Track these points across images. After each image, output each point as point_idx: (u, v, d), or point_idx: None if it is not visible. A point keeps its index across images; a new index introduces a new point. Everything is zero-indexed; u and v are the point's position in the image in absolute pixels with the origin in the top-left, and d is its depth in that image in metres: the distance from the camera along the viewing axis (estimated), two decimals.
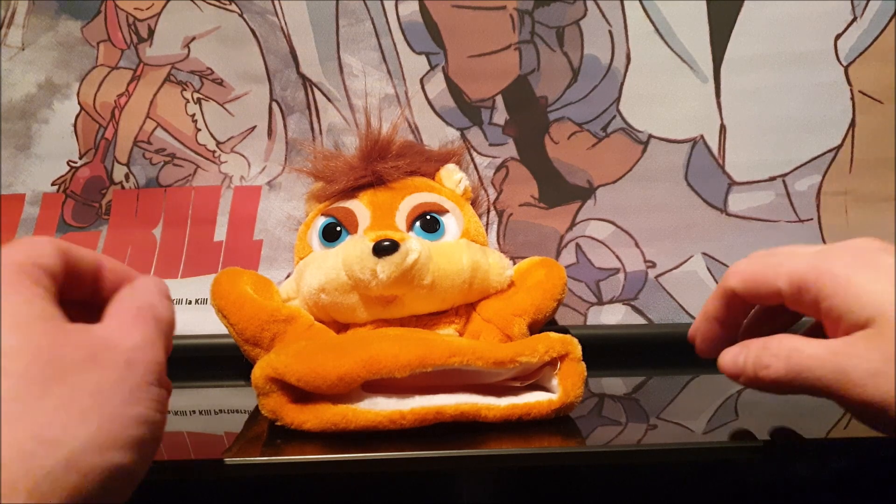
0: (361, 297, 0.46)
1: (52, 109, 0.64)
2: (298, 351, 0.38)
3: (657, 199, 0.62)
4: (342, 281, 0.46)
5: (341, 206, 0.51)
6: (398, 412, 0.37)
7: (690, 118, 0.61)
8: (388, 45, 0.62)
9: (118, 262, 0.30)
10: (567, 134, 0.62)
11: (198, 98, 0.63)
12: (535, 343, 0.39)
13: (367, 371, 0.36)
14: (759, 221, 0.62)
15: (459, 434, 0.37)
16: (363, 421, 0.37)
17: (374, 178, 0.52)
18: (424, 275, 0.45)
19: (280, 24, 0.63)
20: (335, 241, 0.50)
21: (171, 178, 0.63)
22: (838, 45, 0.60)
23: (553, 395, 0.39)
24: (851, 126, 0.61)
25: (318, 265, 0.48)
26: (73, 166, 0.64)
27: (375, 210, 0.50)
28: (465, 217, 0.52)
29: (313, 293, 0.47)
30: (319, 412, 0.37)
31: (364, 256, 0.44)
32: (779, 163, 0.61)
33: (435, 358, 0.37)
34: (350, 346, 0.38)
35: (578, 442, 0.38)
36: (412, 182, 0.53)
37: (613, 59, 0.61)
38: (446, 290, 0.46)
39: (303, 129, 0.63)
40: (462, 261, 0.47)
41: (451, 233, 0.51)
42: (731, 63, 0.61)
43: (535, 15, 0.62)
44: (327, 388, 0.36)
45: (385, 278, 0.43)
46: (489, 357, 0.38)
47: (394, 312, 0.47)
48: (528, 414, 0.38)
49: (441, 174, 0.55)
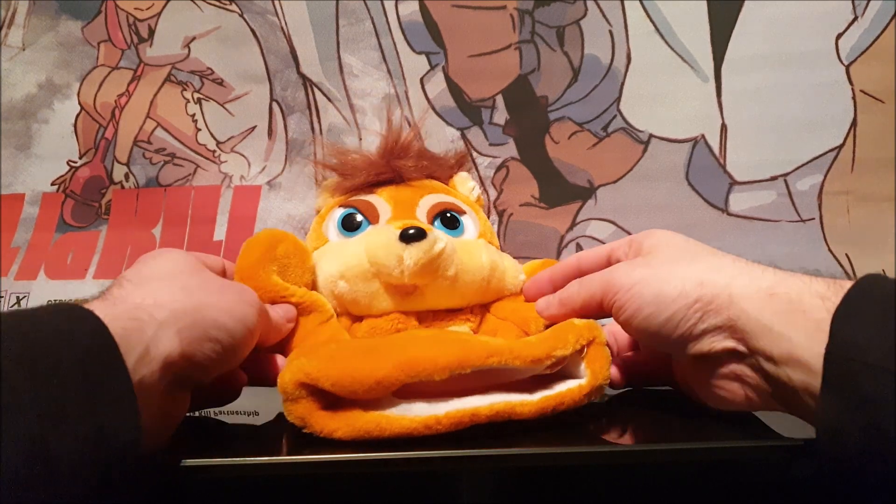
0: (383, 285, 0.45)
1: (52, 109, 0.64)
2: (331, 354, 0.37)
3: (658, 199, 0.62)
4: (364, 268, 0.45)
5: (361, 198, 0.51)
6: (433, 417, 0.35)
7: (691, 118, 0.61)
8: (388, 45, 0.62)
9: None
10: (567, 134, 0.62)
11: (198, 98, 0.63)
12: (565, 334, 0.39)
13: (405, 374, 0.35)
14: (760, 221, 0.61)
15: (460, 434, 0.37)
16: (398, 428, 0.35)
17: (393, 175, 0.52)
18: (449, 266, 0.45)
19: (280, 24, 0.63)
20: (355, 232, 0.49)
21: (171, 178, 0.63)
22: (839, 45, 0.60)
23: (582, 380, 0.39)
24: (853, 125, 0.61)
25: (338, 253, 0.48)
26: (72, 166, 0.64)
27: (397, 205, 0.50)
28: (480, 221, 0.53)
29: (331, 281, 0.46)
30: (351, 420, 0.35)
31: (391, 243, 0.44)
32: (780, 162, 0.61)
33: (473, 359, 0.36)
34: (385, 349, 0.37)
35: (579, 443, 0.38)
36: (430, 183, 0.54)
37: (614, 58, 0.61)
38: (467, 286, 0.47)
39: (303, 129, 0.63)
40: (482, 258, 0.48)
41: (470, 233, 0.51)
42: (732, 62, 0.61)
43: (536, 15, 0.61)
44: (364, 392, 0.35)
45: (412, 264, 0.43)
46: (526, 355, 0.37)
47: (413, 304, 0.46)
48: (561, 403, 0.38)
49: (455, 180, 0.56)
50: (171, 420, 0.35)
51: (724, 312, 0.35)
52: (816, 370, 0.31)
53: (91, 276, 0.62)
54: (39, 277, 0.62)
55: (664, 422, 0.41)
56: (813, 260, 0.61)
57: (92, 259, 0.62)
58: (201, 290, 0.36)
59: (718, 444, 0.36)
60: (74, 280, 0.62)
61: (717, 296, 0.35)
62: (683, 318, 0.36)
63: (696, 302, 0.35)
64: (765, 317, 0.33)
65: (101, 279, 0.61)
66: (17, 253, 0.63)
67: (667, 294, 0.36)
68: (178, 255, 0.39)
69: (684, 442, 0.37)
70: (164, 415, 0.33)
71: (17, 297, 0.61)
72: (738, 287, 0.35)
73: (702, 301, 0.35)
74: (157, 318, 0.32)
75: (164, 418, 0.33)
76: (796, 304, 0.33)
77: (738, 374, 0.36)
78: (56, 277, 0.62)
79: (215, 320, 0.35)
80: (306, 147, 0.63)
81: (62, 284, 0.62)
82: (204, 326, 0.34)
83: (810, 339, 0.31)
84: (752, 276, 0.35)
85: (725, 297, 0.35)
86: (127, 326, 0.30)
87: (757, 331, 0.34)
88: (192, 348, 0.33)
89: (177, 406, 0.35)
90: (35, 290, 0.62)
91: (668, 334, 0.36)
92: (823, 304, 0.32)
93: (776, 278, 0.35)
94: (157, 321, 0.32)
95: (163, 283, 0.35)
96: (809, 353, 0.31)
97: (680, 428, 0.40)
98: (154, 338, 0.31)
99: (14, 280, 0.62)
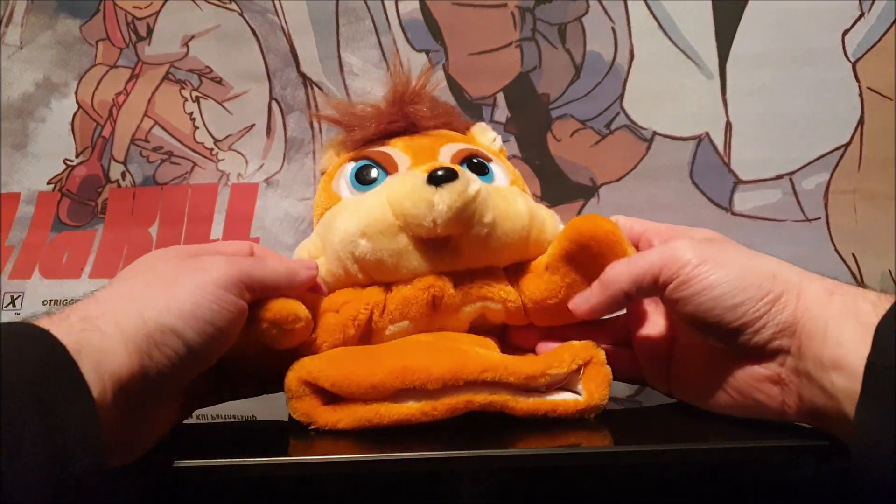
0: (411, 240, 0.39)
1: (49, 108, 0.64)
2: (332, 357, 0.38)
3: (661, 198, 0.61)
4: (388, 221, 0.39)
5: (375, 150, 0.45)
6: (429, 404, 0.36)
7: (695, 115, 0.61)
8: (389, 44, 0.62)
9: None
10: (570, 131, 0.61)
11: (196, 96, 0.63)
12: (561, 354, 0.38)
13: (399, 381, 0.35)
14: (765, 221, 0.61)
15: (460, 435, 0.36)
16: (395, 415, 0.36)
17: (406, 124, 0.46)
18: (485, 211, 0.39)
19: (280, 24, 0.62)
20: (371, 185, 0.43)
21: (168, 176, 0.63)
22: (846, 41, 0.59)
23: (578, 396, 0.38)
24: (860, 123, 0.60)
25: (354, 209, 0.41)
26: (69, 165, 0.63)
27: (416, 153, 0.44)
28: (509, 170, 0.47)
29: (350, 241, 0.40)
30: (352, 410, 0.36)
31: (418, 187, 0.38)
32: (786, 161, 0.61)
33: (467, 373, 0.36)
34: (384, 355, 0.38)
35: (579, 443, 0.37)
36: (447, 132, 0.47)
37: (616, 55, 0.61)
38: (507, 235, 0.40)
39: (302, 128, 0.62)
40: (519, 205, 0.41)
41: (500, 180, 0.45)
42: (737, 59, 0.60)
43: (537, 12, 0.61)
44: (360, 394, 0.36)
45: (445, 209, 0.37)
46: (521, 372, 0.37)
47: (448, 262, 0.40)
48: (553, 411, 0.37)
49: (473, 130, 0.50)
50: (149, 434, 0.32)
51: (790, 308, 0.34)
52: (860, 376, 0.30)
53: (87, 276, 0.61)
54: (34, 276, 0.61)
55: (664, 422, 0.41)
56: (819, 260, 0.60)
57: (88, 258, 0.62)
58: (148, 289, 0.32)
59: (719, 444, 0.36)
60: (70, 279, 0.61)
61: (787, 291, 0.34)
62: (753, 308, 0.34)
63: (769, 293, 0.34)
64: (825, 316, 0.32)
65: (98, 279, 0.61)
66: (12, 252, 0.62)
67: (743, 279, 0.34)
68: (153, 254, 0.36)
69: (685, 443, 0.36)
70: (131, 434, 0.31)
71: (12, 297, 0.61)
72: (806, 284, 0.34)
73: (773, 293, 0.34)
74: (103, 329, 0.29)
75: (131, 439, 0.31)
76: (851, 306, 0.32)
77: (782, 377, 0.35)
78: (51, 276, 0.61)
79: (160, 324, 0.30)
80: (305, 145, 0.62)
81: (57, 283, 0.61)
82: (147, 332, 0.30)
83: (858, 343, 0.30)
84: (813, 277, 0.35)
85: (795, 294, 0.34)
86: (79, 340, 0.27)
87: (815, 332, 0.33)
88: (142, 360, 0.29)
89: (148, 424, 0.32)
90: (30, 288, 0.61)
91: (731, 321, 0.34)
92: (874, 310, 0.31)
93: (833, 282, 0.34)
94: (101, 333, 0.29)
95: (112, 289, 0.32)
96: (855, 357, 0.30)
97: (681, 429, 0.39)
98: (102, 351, 0.28)
99: (8, 279, 0.61)
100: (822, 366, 0.32)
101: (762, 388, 0.35)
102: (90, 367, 0.27)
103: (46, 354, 0.26)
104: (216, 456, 0.33)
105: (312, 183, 0.62)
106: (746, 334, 0.34)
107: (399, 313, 0.40)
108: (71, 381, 0.26)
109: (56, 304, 0.60)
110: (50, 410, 0.25)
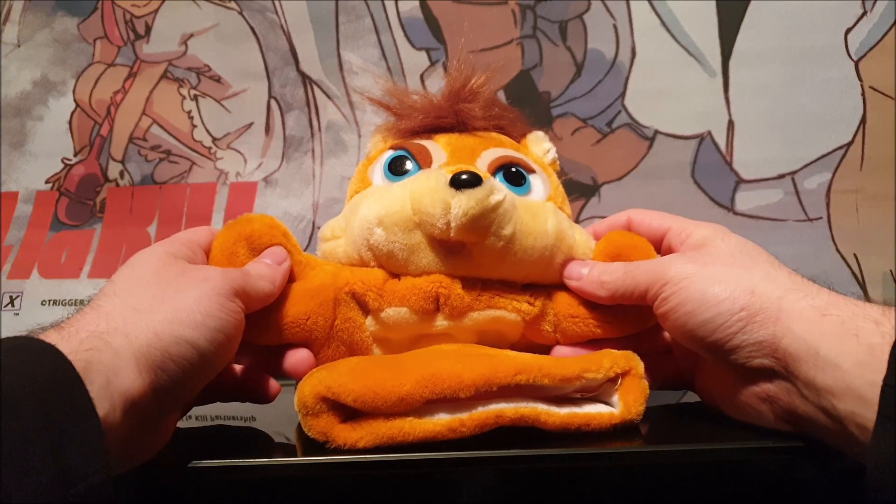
0: (425, 238, 0.39)
1: (47, 107, 0.63)
2: (352, 368, 0.35)
3: (663, 198, 0.60)
4: (405, 215, 0.39)
5: (415, 142, 0.45)
6: (457, 420, 0.34)
7: (697, 113, 0.60)
8: (388, 42, 0.62)
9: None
10: (571, 130, 0.61)
11: (194, 95, 0.62)
12: (600, 358, 0.37)
13: (429, 391, 0.33)
14: (766, 220, 0.60)
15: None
16: (421, 432, 0.33)
17: (455, 122, 0.45)
18: (505, 223, 0.38)
19: (280, 22, 0.62)
20: (402, 176, 0.42)
21: (167, 175, 0.62)
22: (848, 40, 0.59)
23: (613, 409, 0.37)
24: (862, 122, 0.60)
25: (378, 197, 0.41)
26: (67, 164, 0.63)
27: (454, 152, 0.43)
28: (552, 185, 0.45)
29: (367, 227, 0.40)
30: (374, 428, 0.34)
31: (439, 188, 0.37)
32: (788, 160, 0.60)
33: (501, 376, 0.34)
34: (409, 363, 0.35)
35: (580, 444, 0.37)
36: (497, 136, 0.46)
37: (618, 53, 0.60)
38: (525, 252, 0.39)
39: (301, 126, 0.62)
40: (548, 223, 0.40)
41: (538, 193, 0.43)
42: (740, 57, 0.60)
43: (538, 10, 0.61)
44: (387, 408, 0.33)
45: (460, 214, 0.36)
46: (556, 374, 0.35)
47: (459, 266, 0.39)
48: (587, 425, 0.36)
49: (529, 138, 0.48)
50: (152, 446, 0.32)
51: (768, 327, 0.33)
52: (869, 399, 0.28)
53: (86, 276, 0.61)
54: (33, 276, 0.61)
55: (666, 423, 0.40)
56: (820, 260, 0.59)
57: (86, 258, 0.61)
58: (155, 301, 0.32)
59: (720, 445, 0.35)
60: (69, 279, 0.61)
61: (764, 308, 0.33)
62: (724, 323, 0.34)
63: (742, 310, 0.33)
64: (813, 338, 0.31)
65: (97, 278, 0.60)
66: (10, 251, 0.62)
67: (715, 294, 0.34)
68: (146, 258, 0.35)
69: (687, 444, 0.36)
70: (140, 445, 0.31)
71: (11, 297, 0.60)
72: (790, 302, 0.33)
73: (748, 311, 0.33)
74: (113, 345, 0.29)
75: (140, 449, 0.31)
76: (849, 326, 0.31)
77: (770, 395, 0.34)
78: (50, 276, 0.61)
79: (175, 336, 0.30)
80: (304, 144, 0.62)
81: (56, 283, 0.61)
82: (162, 347, 0.30)
83: (862, 366, 0.29)
84: (807, 292, 0.33)
85: (773, 311, 0.33)
86: (88, 358, 0.27)
87: (801, 353, 0.32)
88: (155, 375, 0.30)
89: (157, 433, 0.32)
90: (28, 288, 0.61)
91: (705, 336, 0.34)
92: (878, 329, 0.30)
93: (830, 299, 0.33)
94: (112, 349, 0.28)
95: (118, 301, 0.31)
96: (861, 381, 0.29)
97: (682, 429, 0.39)
98: (112, 369, 0.28)
99: (7, 279, 0.61)
100: (817, 389, 0.31)
101: (754, 404, 0.35)
102: (98, 386, 0.27)
103: (54, 370, 0.26)
104: (215, 457, 0.33)
105: (311, 181, 0.61)
106: (723, 351, 0.34)
107: (398, 298, 0.39)
108: (76, 400, 0.26)
109: (55, 304, 0.60)
110: (56, 429, 0.25)
